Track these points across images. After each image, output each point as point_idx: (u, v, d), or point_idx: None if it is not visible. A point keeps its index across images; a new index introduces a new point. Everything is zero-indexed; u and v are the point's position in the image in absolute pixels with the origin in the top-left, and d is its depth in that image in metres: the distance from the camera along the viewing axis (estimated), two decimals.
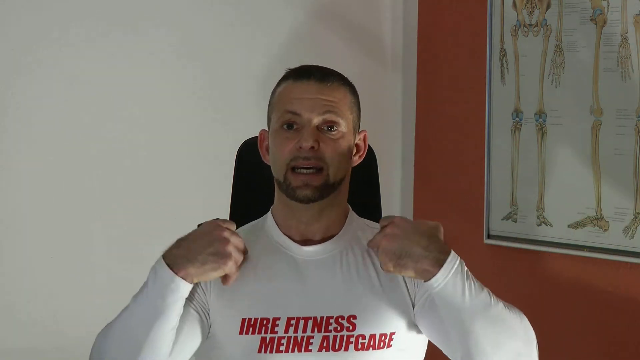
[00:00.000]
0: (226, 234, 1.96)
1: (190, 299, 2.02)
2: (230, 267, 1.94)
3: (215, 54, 3.48)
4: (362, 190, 2.22)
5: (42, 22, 3.13)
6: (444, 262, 1.92)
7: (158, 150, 3.36)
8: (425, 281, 1.94)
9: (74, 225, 3.22)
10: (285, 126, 2.04)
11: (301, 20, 3.66)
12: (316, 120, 2.02)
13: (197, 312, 2.04)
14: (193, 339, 2.03)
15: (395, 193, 3.90)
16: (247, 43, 3.53)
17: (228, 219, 2.37)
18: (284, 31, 3.62)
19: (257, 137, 2.16)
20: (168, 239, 3.32)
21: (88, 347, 3.33)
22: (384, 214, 2.40)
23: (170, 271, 1.92)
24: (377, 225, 2.13)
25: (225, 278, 1.98)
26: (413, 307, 2.07)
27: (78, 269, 3.23)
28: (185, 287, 1.93)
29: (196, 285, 2.02)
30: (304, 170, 2.02)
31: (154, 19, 3.34)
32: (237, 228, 2.19)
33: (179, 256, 1.94)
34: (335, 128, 2.03)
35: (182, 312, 1.96)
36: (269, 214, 2.14)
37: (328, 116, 2.03)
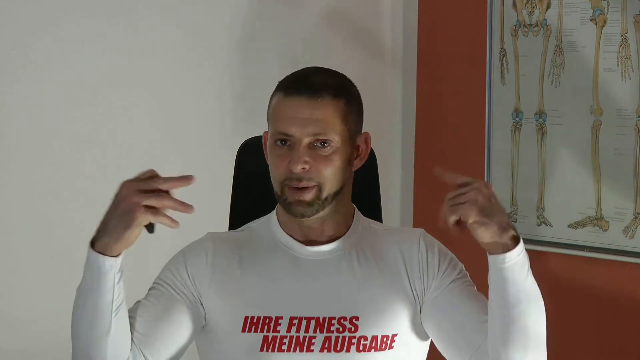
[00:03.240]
0: (126, 189, 1.88)
1: (173, 287, 2.04)
2: (141, 216, 1.85)
3: (214, 53, 3.48)
4: (362, 190, 2.22)
5: (41, 18, 3.13)
6: (519, 240, 1.93)
7: (158, 150, 3.36)
8: (493, 253, 1.91)
9: (73, 225, 3.21)
10: (279, 142, 2.03)
11: (301, 20, 3.66)
12: (307, 139, 2.00)
13: (184, 300, 2.04)
14: (180, 328, 2.02)
15: (395, 193, 3.90)
16: (247, 42, 3.53)
17: (228, 219, 2.38)
18: (284, 31, 3.62)
19: (257, 137, 2.17)
20: (168, 239, 3.33)
21: None
22: (384, 214, 2.41)
23: (91, 249, 1.91)
24: (381, 226, 2.15)
25: (167, 221, 1.88)
26: (420, 308, 2.07)
27: (78, 269, 3.22)
28: (107, 261, 1.89)
29: (180, 273, 2.05)
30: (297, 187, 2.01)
31: (158, 16, 3.34)
32: (238, 226, 2.21)
33: (98, 232, 1.91)
34: (327, 144, 2.01)
35: (121, 290, 1.93)
36: (274, 212, 2.14)
37: (319, 136, 2.00)
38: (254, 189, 2.31)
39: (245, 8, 3.53)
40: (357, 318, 2.02)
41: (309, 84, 2.03)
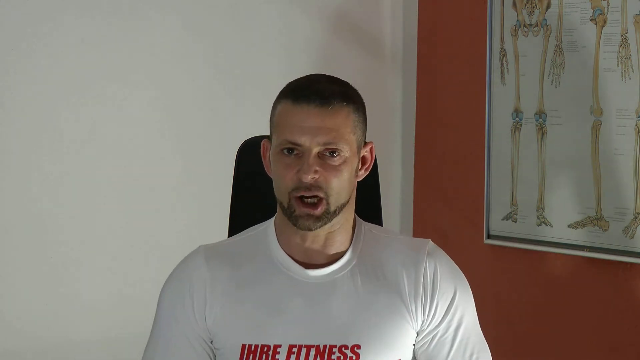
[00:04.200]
0: None
1: (190, 339, 2.00)
2: None
3: (215, 52, 3.48)
4: (362, 190, 2.21)
5: (41, 18, 3.13)
6: None
7: (158, 151, 3.36)
8: None
9: (73, 225, 3.21)
10: (285, 151, 1.96)
11: (301, 21, 3.66)
12: (316, 149, 1.94)
13: (200, 347, 2.01)
14: None
15: (395, 193, 3.90)
16: (247, 43, 3.53)
17: (228, 219, 2.38)
18: (285, 32, 3.62)
19: (257, 137, 2.15)
20: (167, 240, 3.33)
21: (89, 348, 3.33)
22: (384, 215, 2.40)
23: None
24: (384, 232, 2.09)
25: None
26: (415, 336, 2.03)
27: (78, 269, 3.23)
28: None
29: (189, 317, 2.00)
30: (307, 200, 1.94)
31: (158, 16, 3.34)
32: (238, 227, 2.17)
33: None
34: (337, 154, 1.95)
35: None
36: (271, 225, 2.06)
37: (330, 145, 1.94)
38: (254, 189, 2.31)
39: (245, 10, 3.53)
40: (358, 346, 1.97)
41: (319, 91, 1.96)
